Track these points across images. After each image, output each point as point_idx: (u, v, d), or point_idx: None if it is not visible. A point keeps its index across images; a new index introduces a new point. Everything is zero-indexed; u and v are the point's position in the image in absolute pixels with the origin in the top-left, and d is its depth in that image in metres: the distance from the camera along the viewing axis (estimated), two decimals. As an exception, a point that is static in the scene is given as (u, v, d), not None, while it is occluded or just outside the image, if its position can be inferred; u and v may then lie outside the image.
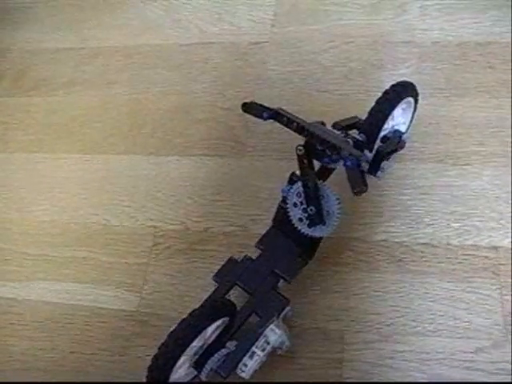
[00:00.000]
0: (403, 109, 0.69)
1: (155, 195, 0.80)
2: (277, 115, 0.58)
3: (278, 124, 0.58)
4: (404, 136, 0.69)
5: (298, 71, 0.86)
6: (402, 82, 0.67)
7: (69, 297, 0.75)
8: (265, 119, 0.58)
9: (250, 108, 0.60)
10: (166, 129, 0.86)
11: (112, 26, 0.99)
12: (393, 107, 0.65)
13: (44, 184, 0.86)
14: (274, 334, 0.57)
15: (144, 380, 0.55)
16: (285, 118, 0.57)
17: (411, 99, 0.69)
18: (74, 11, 1.04)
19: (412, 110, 0.71)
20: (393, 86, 0.66)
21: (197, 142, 0.84)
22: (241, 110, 0.84)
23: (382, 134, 0.66)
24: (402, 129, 0.70)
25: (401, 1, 0.89)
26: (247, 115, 0.84)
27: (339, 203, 0.57)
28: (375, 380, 0.63)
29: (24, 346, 0.73)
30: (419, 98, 0.70)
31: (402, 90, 0.66)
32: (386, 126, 0.66)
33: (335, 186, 0.60)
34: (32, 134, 0.91)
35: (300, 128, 0.56)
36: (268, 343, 0.57)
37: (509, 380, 0.60)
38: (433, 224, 0.70)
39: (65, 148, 0.89)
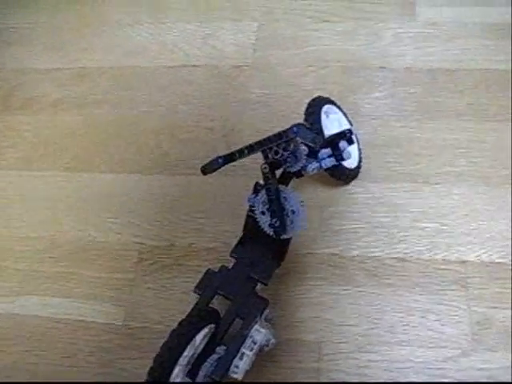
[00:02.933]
0: (326, 113, 0.75)
1: (140, 212, 0.83)
2: (229, 157, 0.63)
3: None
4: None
5: (278, 94, 0.90)
6: (314, 98, 0.75)
7: (55, 311, 0.77)
8: (221, 166, 0.64)
9: (207, 169, 0.65)
10: (151, 148, 0.89)
11: (99, 47, 1.03)
12: (319, 119, 0.71)
13: (31, 201, 0.88)
14: (259, 334, 0.60)
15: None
16: (235, 154, 0.62)
17: (329, 105, 0.76)
18: (62, 33, 1.07)
19: (337, 110, 0.78)
20: (309, 102, 0.73)
21: (181, 161, 0.87)
22: (224, 131, 0.89)
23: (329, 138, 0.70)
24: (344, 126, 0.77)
25: (375, 28, 0.94)
26: (230, 135, 0.88)
27: (301, 202, 0.61)
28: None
29: (11, 360, 0.74)
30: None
31: (317, 103, 0.73)
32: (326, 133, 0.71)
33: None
34: (20, 151, 0.93)
35: (250, 148, 0.61)
36: (255, 343, 0.59)
37: None
38: (405, 240, 0.74)
39: (52, 166, 0.91)
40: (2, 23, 1.11)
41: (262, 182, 0.63)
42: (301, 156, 0.62)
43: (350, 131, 0.69)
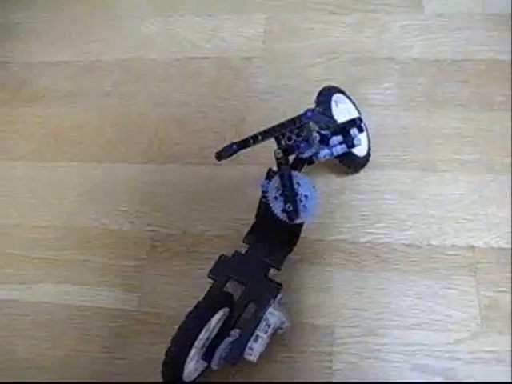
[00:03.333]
0: (336, 102, 0.77)
1: (152, 201, 0.84)
2: (243, 143, 0.65)
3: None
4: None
5: (287, 85, 0.91)
6: (325, 87, 0.76)
7: (69, 298, 0.78)
8: (235, 151, 0.65)
9: (222, 155, 0.67)
10: (162, 139, 0.90)
11: (109, 40, 1.04)
12: (329, 106, 0.73)
13: (43, 190, 0.88)
14: (273, 317, 0.61)
15: (145, 378, 0.59)
16: (249, 140, 0.64)
17: (339, 94, 0.78)
18: (72, 26, 1.08)
19: (347, 99, 0.80)
20: (320, 91, 0.75)
21: (192, 151, 0.88)
22: (233, 122, 0.90)
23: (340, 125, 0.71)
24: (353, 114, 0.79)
25: (383, 20, 0.95)
26: (240, 126, 0.89)
27: (314, 187, 0.63)
28: (363, 371, 0.67)
29: (26, 346, 0.75)
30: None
31: (328, 92, 0.75)
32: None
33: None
34: (32, 143, 0.94)
35: (264, 134, 0.63)
36: (269, 325, 0.61)
37: (486, 367, 0.65)
38: (414, 226, 0.75)
39: (64, 156, 0.92)
40: (11, 17, 1.12)
41: (274, 168, 0.64)
42: (313, 142, 0.63)
43: (360, 119, 0.70)
